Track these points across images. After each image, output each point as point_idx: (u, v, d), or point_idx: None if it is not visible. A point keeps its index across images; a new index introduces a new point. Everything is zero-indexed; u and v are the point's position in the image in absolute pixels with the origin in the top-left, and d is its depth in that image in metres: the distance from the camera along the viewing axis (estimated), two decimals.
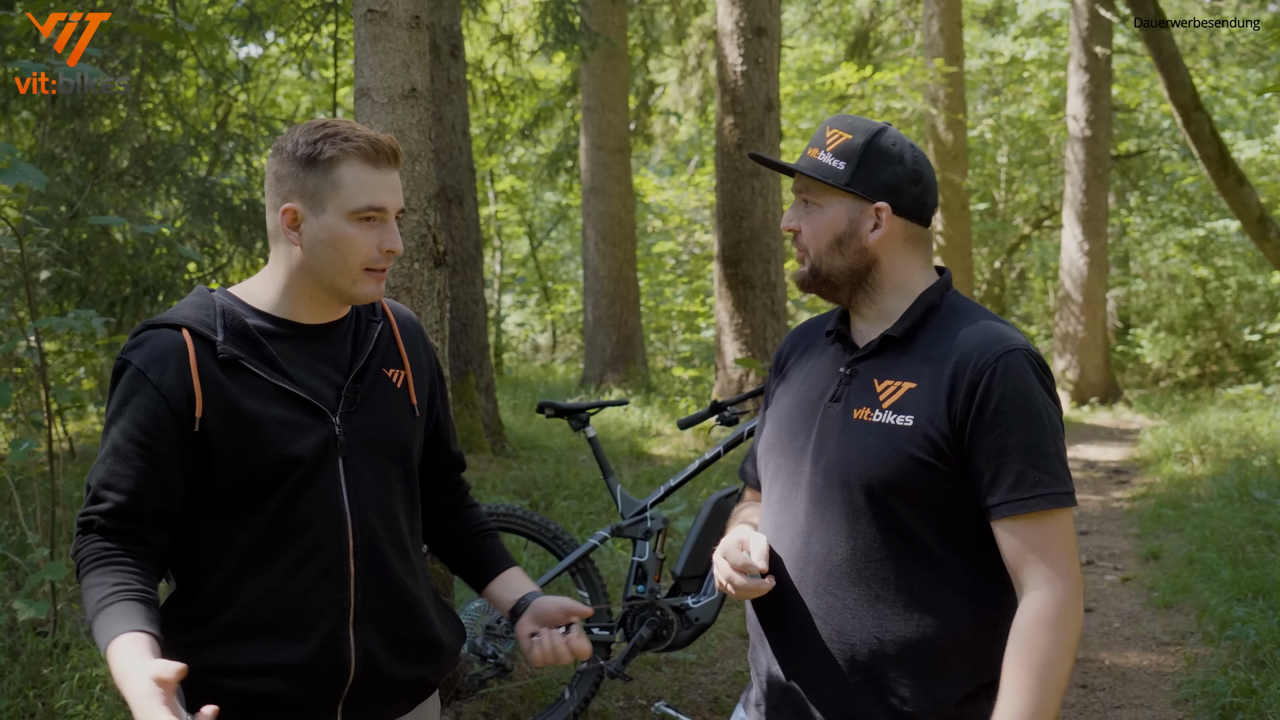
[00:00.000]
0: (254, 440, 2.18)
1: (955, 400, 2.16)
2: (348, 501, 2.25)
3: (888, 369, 2.26)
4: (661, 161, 25.97)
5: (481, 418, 9.79)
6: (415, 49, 4.76)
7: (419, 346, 2.48)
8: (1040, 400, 2.16)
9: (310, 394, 2.25)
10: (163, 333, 2.20)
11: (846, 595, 2.22)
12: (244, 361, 2.21)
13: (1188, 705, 5.21)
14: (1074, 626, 2.11)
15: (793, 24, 25.52)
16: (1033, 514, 2.12)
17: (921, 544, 2.19)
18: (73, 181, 7.48)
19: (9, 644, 4.93)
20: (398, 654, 2.32)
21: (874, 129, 2.29)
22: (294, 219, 2.22)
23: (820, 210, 2.30)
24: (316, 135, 2.20)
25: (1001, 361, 2.15)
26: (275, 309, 2.28)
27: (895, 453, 2.17)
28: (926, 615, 2.18)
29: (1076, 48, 17.79)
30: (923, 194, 2.30)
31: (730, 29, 11.31)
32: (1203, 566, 7.17)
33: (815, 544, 2.26)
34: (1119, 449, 13.39)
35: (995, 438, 2.13)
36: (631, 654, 4.74)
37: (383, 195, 2.23)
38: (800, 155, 2.34)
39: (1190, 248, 21.76)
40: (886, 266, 2.30)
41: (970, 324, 2.24)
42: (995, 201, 24.75)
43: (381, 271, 2.27)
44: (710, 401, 5.14)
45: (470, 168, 9.70)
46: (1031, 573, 2.12)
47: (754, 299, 11.32)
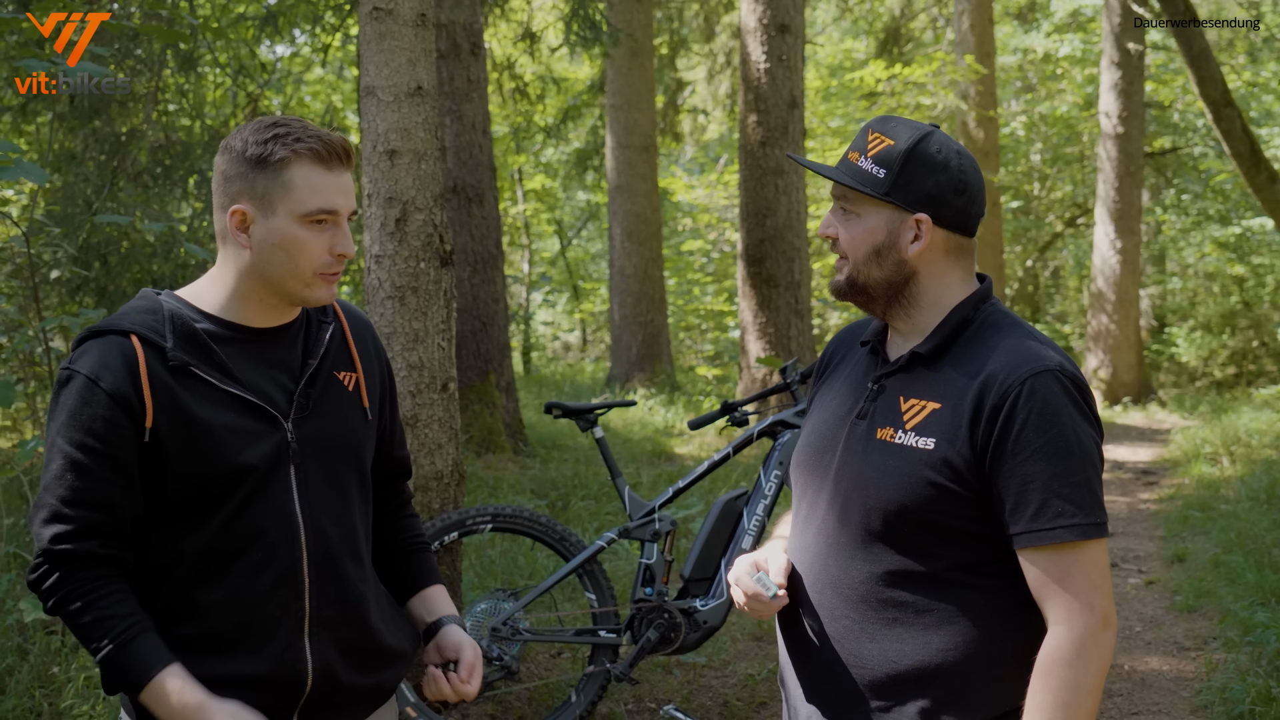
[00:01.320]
0: (206, 448, 2.13)
1: (978, 424, 2.07)
2: (300, 509, 2.21)
3: (914, 387, 2.18)
4: (691, 160, 25.89)
5: (502, 417, 9.77)
6: (421, 47, 4.74)
7: (370, 347, 2.43)
8: (1069, 425, 2.05)
9: (262, 399, 2.20)
10: (110, 339, 2.14)
11: (863, 619, 2.16)
12: (194, 368, 2.15)
13: (1206, 712, 5.12)
14: (1094, 665, 2.01)
15: (823, 20, 25.41)
16: (1055, 545, 2.03)
17: (940, 570, 2.12)
18: (91, 180, 7.50)
19: (18, 643, 4.94)
20: (354, 662, 2.28)
21: (918, 134, 2.18)
22: (243, 221, 2.16)
23: (858, 219, 2.21)
24: (267, 135, 2.14)
25: (1029, 384, 2.05)
26: (224, 312, 2.23)
27: (914, 478, 2.10)
28: (945, 641, 2.10)
29: (1108, 43, 17.61)
30: (967, 204, 2.20)
31: (754, 26, 11.24)
32: (1228, 570, 7.06)
33: (834, 566, 2.20)
34: (1149, 449, 13.23)
35: (1018, 464, 2.04)
36: (639, 657, 4.71)
37: (335, 198, 2.17)
38: (840, 159, 2.25)
39: (1226, 245, 21.49)
40: (925, 279, 2.21)
41: (1003, 341, 2.14)
42: (1029, 199, 24.54)
43: (334, 275, 2.22)
44: (722, 402, 5.09)
45: (491, 166, 9.67)
46: (1052, 606, 2.04)
47: (778, 298, 11.25)
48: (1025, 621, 2.10)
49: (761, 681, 5.42)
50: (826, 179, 2.24)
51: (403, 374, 4.68)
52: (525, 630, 4.76)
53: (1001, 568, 2.10)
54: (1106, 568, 2.07)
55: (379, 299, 4.69)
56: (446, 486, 4.85)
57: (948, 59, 18.58)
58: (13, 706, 4.53)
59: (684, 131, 21.88)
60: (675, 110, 21.16)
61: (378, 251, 4.68)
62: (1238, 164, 11.96)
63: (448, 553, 4.89)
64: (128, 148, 8.16)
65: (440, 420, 4.79)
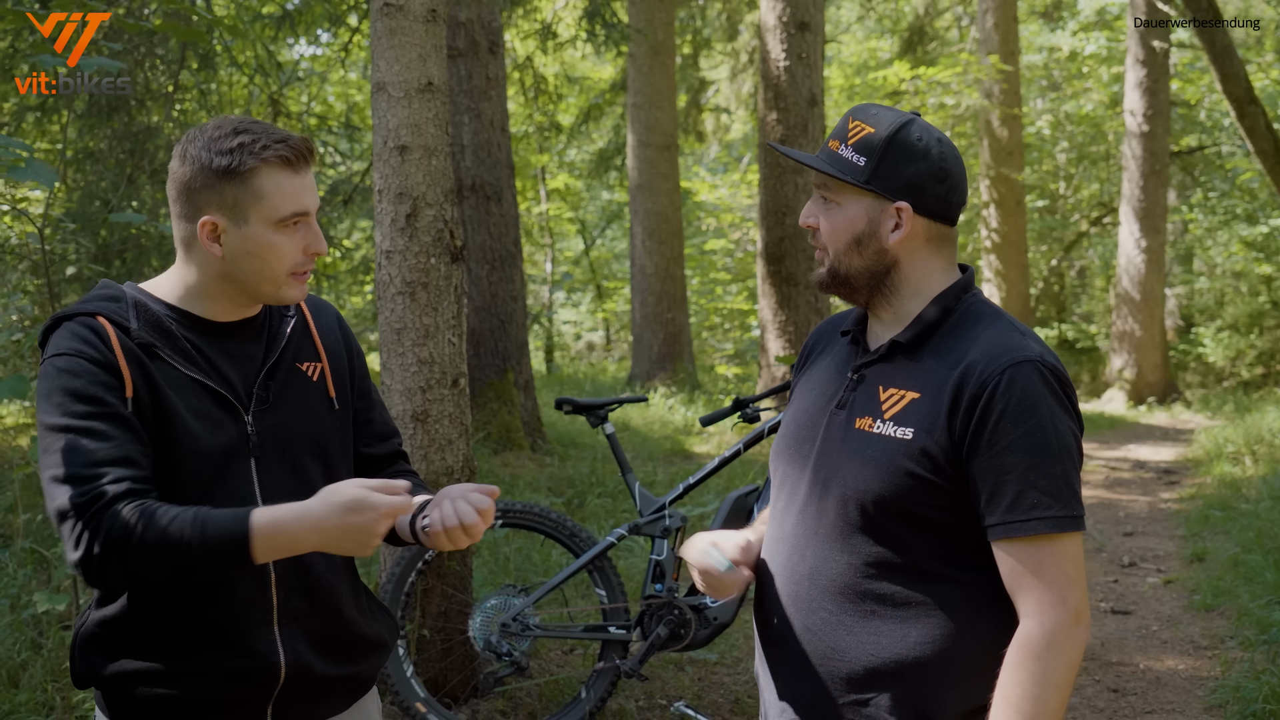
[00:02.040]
0: (173, 430, 2.11)
1: (957, 414, 2.05)
2: (261, 501, 2.18)
3: (893, 377, 2.16)
4: (715, 160, 25.87)
5: (520, 415, 9.78)
6: (432, 43, 4.74)
7: (336, 336, 2.41)
8: (1048, 417, 2.03)
9: (224, 388, 2.19)
10: (79, 319, 2.12)
11: (841, 611, 2.14)
12: (159, 350, 2.14)
13: (1220, 711, 5.08)
14: (1064, 660, 1.99)
15: (846, 19, 25.35)
16: (1029, 537, 2.01)
17: (919, 562, 2.10)
18: (109, 178, 7.55)
19: (32, 637, 4.97)
20: (327, 653, 2.26)
21: (898, 122, 2.16)
22: (214, 231, 2.14)
23: (838, 208, 2.19)
24: (231, 144, 2.12)
25: (1008, 374, 2.03)
26: (186, 305, 2.22)
27: (892, 468, 2.08)
28: (923, 635, 2.08)
29: (1134, 42, 17.51)
30: (948, 193, 2.17)
31: (773, 24, 11.22)
32: (1247, 569, 7.01)
33: (811, 557, 2.18)
34: (1172, 449, 13.15)
35: (995, 455, 2.02)
36: (648, 653, 4.70)
37: (305, 199, 2.17)
38: (821, 147, 2.23)
39: (1254, 245, 21.32)
40: (907, 268, 2.19)
41: (984, 331, 2.12)
42: (1054, 198, 24.41)
43: (305, 274, 2.22)
44: (734, 398, 5.08)
45: (509, 164, 9.68)
46: (1024, 599, 2.02)
47: (797, 296, 11.22)
48: (1003, 616, 2.07)
49: None
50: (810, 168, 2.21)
51: (413, 369, 4.69)
52: (535, 626, 4.76)
53: (980, 560, 2.08)
54: (1081, 562, 2.05)
55: (389, 294, 4.70)
56: (457, 482, 4.84)
57: (971, 58, 18.51)
58: (26, 699, 4.56)
59: (707, 131, 21.86)
60: (698, 109, 21.15)
61: (388, 247, 4.68)
62: (1261, 161, 11.90)
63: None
64: (146, 146, 8.20)
65: (451, 416, 4.79)
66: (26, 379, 4.68)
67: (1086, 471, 11.65)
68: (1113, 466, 11.90)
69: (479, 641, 4.72)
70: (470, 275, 9.38)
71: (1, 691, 4.60)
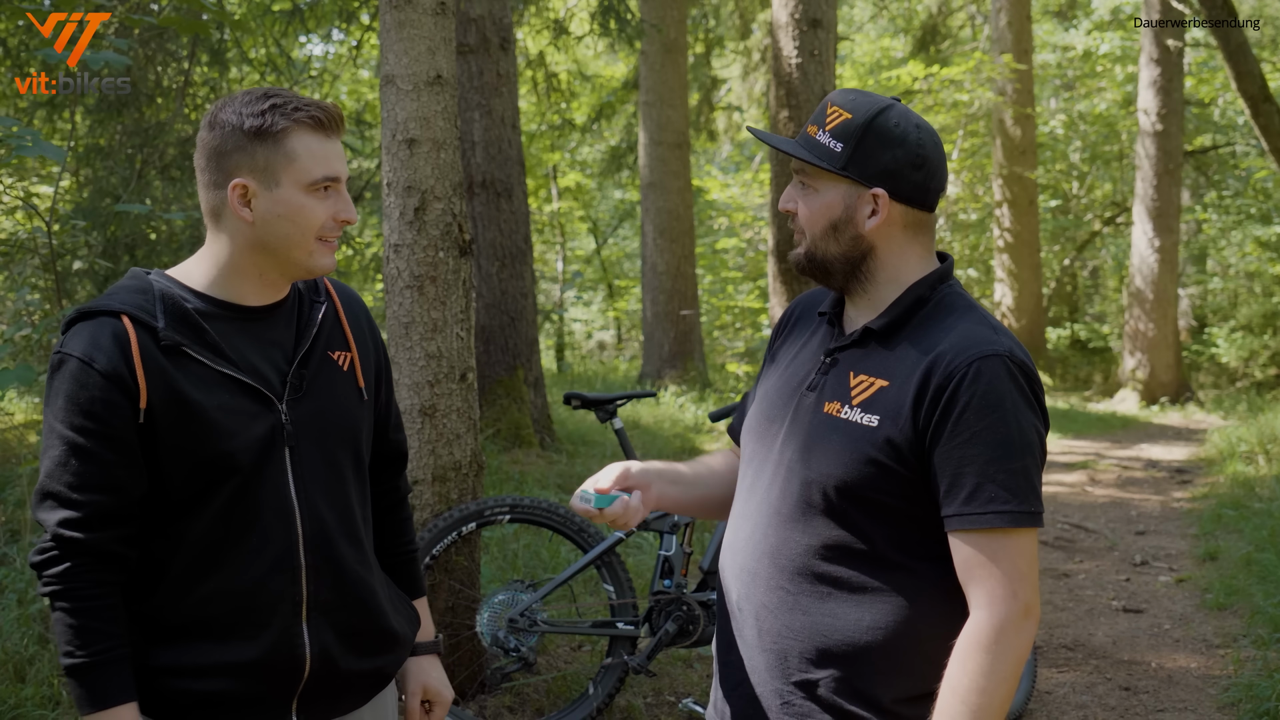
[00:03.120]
0: (199, 430, 2.10)
1: (922, 403, 2.06)
2: (295, 491, 2.19)
3: (864, 363, 2.16)
4: (727, 158, 25.85)
5: (530, 412, 9.75)
6: (441, 35, 4.73)
7: (364, 326, 2.40)
8: (1012, 412, 2.03)
9: (256, 380, 2.17)
10: (101, 320, 2.10)
11: (798, 591, 2.15)
12: (187, 348, 2.12)
13: (1233, 710, 5.05)
14: (1012, 653, 1.99)
15: (860, 18, 25.31)
16: (984, 529, 2.01)
17: (877, 547, 2.11)
18: (118, 173, 7.55)
19: (38, 632, 4.97)
20: (352, 647, 2.26)
21: (877, 107, 2.16)
22: (245, 194, 2.13)
23: (816, 194, 2.20)
24: (263, 105, 2.12)
25: (975, 366, 2.03)
26: (215, 290, 2.20)
27: (856, 454, 2.09)
28: (875, 618, 2.09)
29: (1148, 40, 17.45)
30: (926, 179, 2.17)
31: (785, 21, 11.18)
32: (1260, 568, 6.98)
33: (772, 537, 2.19)
34: (1184, 449, 13.10)
35: (956, 446, 2.02)
36: (656, 649, 4.68)
37: (335, 164, 2.17)
38: (800, 132, 2.23)
39: (1268, 245, 21.23)
40: (883, 255, 2.19)
41: (955, 323, 2.12)
42: (1067, 198, 24.35)
43: (334, 242, 2.21)
44: (744, 394, 5.05)
45: (520, 161, 9.66)
46: (976, 591, 2.03)
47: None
48: (956, 607, 2.08)
49: None
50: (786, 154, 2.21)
51: (421, 363, 4.68)
52: (543, 622, 4.75)
53: (937, 550, 2.09)
54: (1034, 558, 2.05)
55: (398, 288, 4.68)
56: (465, 477, 4.84)
57: (985, 58, 18.46)
58: (32, 694, 4.56)
59: (719, 129, 21.83)
60: (710, 108, 21.12)
61: (396, 241, 4.67)
62: (1276, 160, 11.85)
63: (465, 543, 4.88)
64: (155, 142, 8.21)
65: (459, 410, 4.78)
66: (34, 369, 4.68)
67: (1099, 470, 11.61)
68: (1125, 466, 11.86)
69: (486, 637, 4.70)
70: (480, 272, 9.36)
71: (8, 685, 4.59)
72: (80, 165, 8.40)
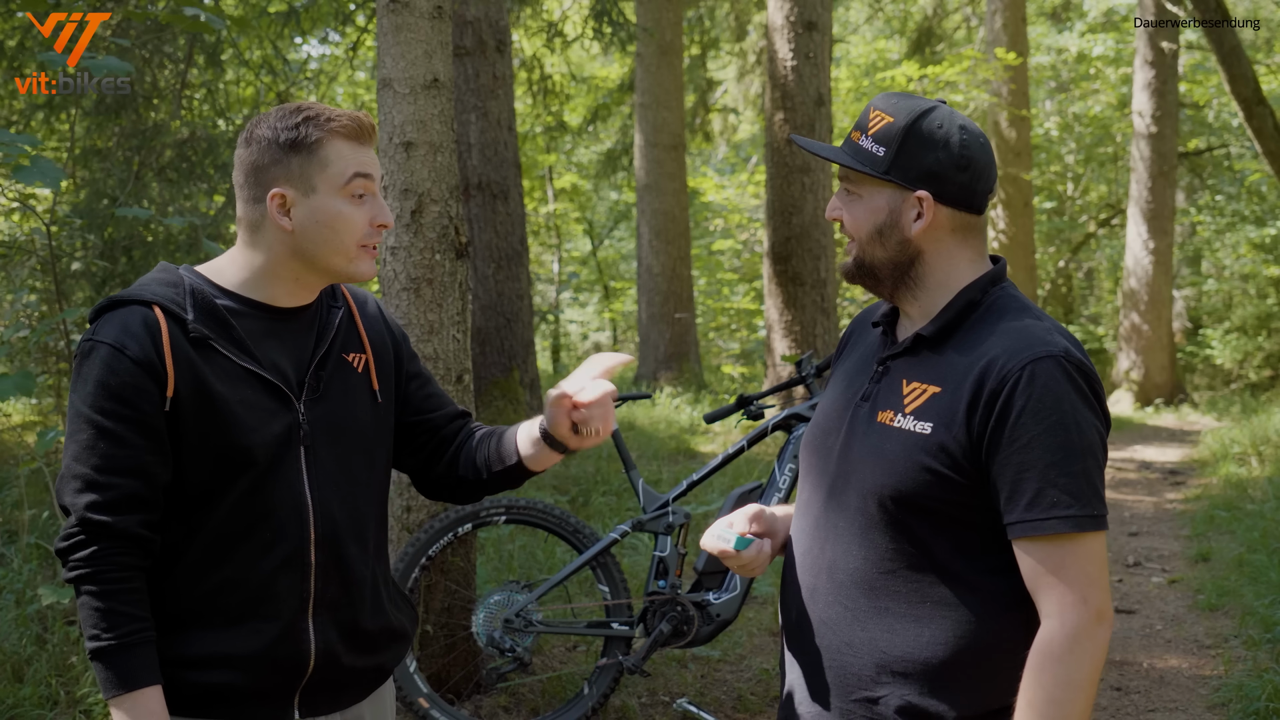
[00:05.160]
0: (222, 423, 2.14)
1: (976, 409, 2.02)
2: (309, 490, 2.23)
3: (917, 370, 2.14)
4: (723, 160, 25.87)
5: (526, 414, 9.78)
6: (438, 39, 4.75)
7: (380, 326, 2.45)
8: (1070, 413, 1.99)
9: (277, 378, 2.21)
10: (132, 308, 2.14)
11: (856, 606, 2.13)
12: (213, 342, 2.16)
13: (1223, 710, 5.08)
14: (1088, 661, 1.95)
15: (855, 20, 25.34)
16: (1049, 536, 1.97)
17: (937, 559, 2.08)
18: (115, 174, 7.57)
19: (37, 632, 4.99)
20: (355, 644, 2.29)
21: (918, 110, 2.14)
22: (283, 203, 2.18)
23: (860, 200, 2.18)
24: (296, 119, 2.18)
25: (1030, 369, 1.99)
26: (247, 290, 2.24)
27: (910, 463, 2.06)
28: (936, 634, 2.06)
29: (1142, 43, 17.49)
30: (971, 180, 2.14)
31: (781, 24, 11.21)
32: (1252, 569, 7.01)
33: (830, 550, 2.17)
34: (1178, 450, 13.14)
35: (1015, 451, 1.98)
36: (651, 649, 4.70)
37: (369, 165, 2.22)
38: (844, 139, 2.23)
39: (1262, 247, 21.27)
40: (932, 259, 2.16)
41: (1007, 325, 2.09)
42: (1062, 199, 24.39)
43: (374, 249, 2.25)
44: (738, 396, 5.09)
45: (516, 163, 9.69)
46: (1045, 599, 1.99)
47: (803, 296, 11.22)
48: (1022, 617, 2.04)
49: (776, 675, 5.41)
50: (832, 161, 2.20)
51: None
52: (538, 622, 4.77)
53: (999, 559, 2.05)
54: (1103, 561, 2.01)
55: (394, 290, 4.71)
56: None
57: (979, 57, 18.49)
58: (30, 694, 4.57)
59: (715, 131, 21.87)
60: (706, 110, 21.15)
61: (393, 243, 4.70)
62: (1269, 162, 11.89)
63: (462, 544, 4.91)
64: (153, 144, 8.22)
65: None
66: (33, 376, 4.70)
67: None
68: (1119, 467, 11.89)
69: (482, 637, 4.73)
70: (476, 274, 9.39)
71: (6, 686, 4.61)
72: (77, 167, 8.41)
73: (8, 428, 8.50)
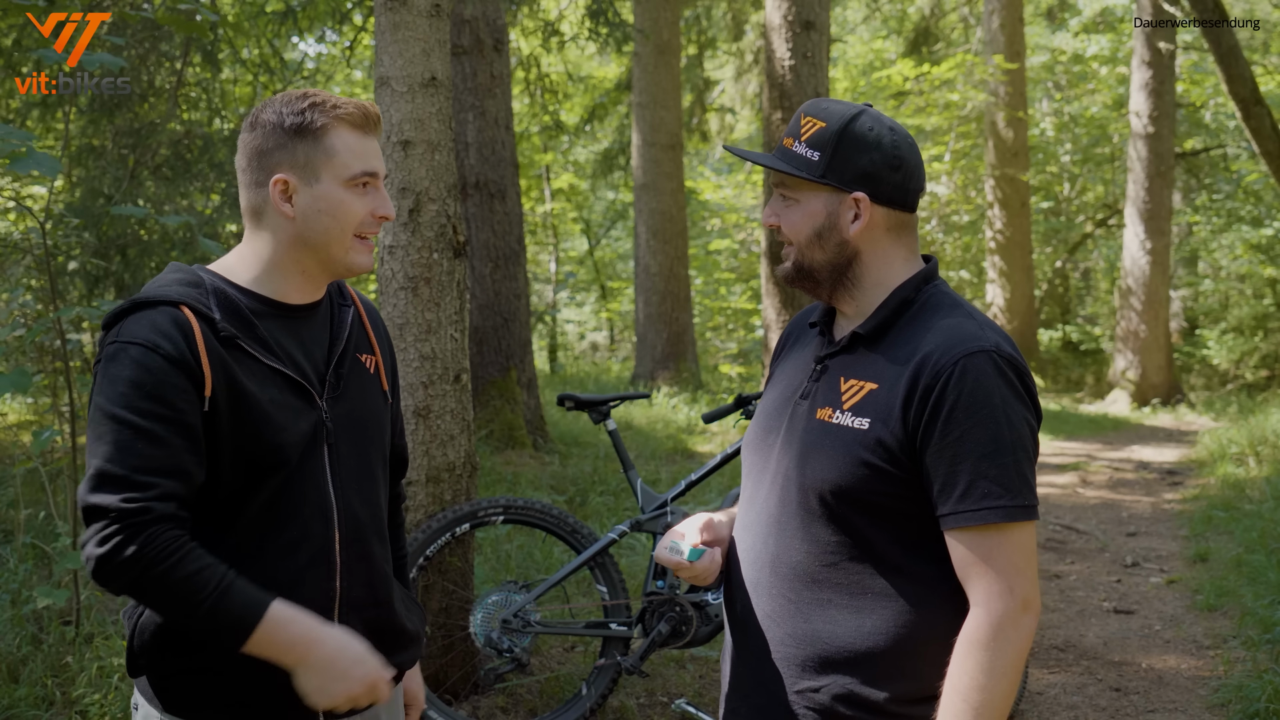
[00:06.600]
0: (254, 423, 2.12)
1: (911, 404, 2.07)
2: (334, 488, 2.22)
3: (854, 368, 2.19)
4: (720, 160, 25.86)
5: (523, 413, 9.77)
6: (435, 37, 4.74)
7: (383, 333, 2.46)
8: (1001, 407, 2.04)
9: (301, 377, 2.21)
10: (161, 309, 2.09)
11: (799, 599, 2.17)
12: (241, 341, 2.14)
13: (1222, 710, 5.08)
14: (1012, 649, 2.00)
15: (853, 20, 25.34)
16: (979, 526, 2.02)
17: (876, 550, 2.12)
18: (111, 173, 7.55)
19: (32, 632, 4.97)
20: (378, 644, 2.26)
21: (849, 114, 2.20)
22: (285, 190, 2.17)
23: (797, 204, 2.23)
24: (303, 105, 2.17)
25: (961, 364, 2.05)
26: (260, 287, 2.22)
27: (849, 457, 2.11)
28: (876, 624, 2.11)
29: (1139, 43, 17.50)
30: (904, 180, 2.20)
31: (778, 23, 11.20)
32: (1250, 569, 7.01)
33: (772, 545, 2.21)
34: (1175, 450, 13.14)
35: (947, 444, 2.04)
36: (649, 650, 4.69)
37: (374, 160, 2.21)
38: (776, 146, 2.26)
39: (1259, 247, 21.29)
40: (868, 259, 2.22)
41: (940, 321, 2.14)
42: (1059, 200, 24.39)
43: (370, 240, 2.25)
44: (736, 395, 5.08)
45: (513, 162, 9.67)
46: (973, 588, 2.05)
47: (801, 296, 11.18)
48: (956, 606, 2.09)
49: None
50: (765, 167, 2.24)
51: (415, 365, 4.69)
52: (536, 622, 4.76)
53: (937, 551, 2.10)
54: (1032, 552, 2.06)
55: (392, 290, 4.69)
56: (459, 478, 4.85)
57: (977, 59, 18.49)
58: (26, 694, 4.56)
59: (712, 131, 21.84)
60: (703, 109, 21.14)
61: (390, 242, 4.68)
62: (1267, 163, 11.89)
63: (459, 544, 4.89)
64: (149, 142, 8.20)
65: (453, 411, 4.78)
66: (29, 373, 4.68)
67: (1090, 472, 11.64)
68: (1116, 467, 11.89)
69: (480, 638, 4.72)
70: (474, 273, 9.37)
71: (1, 686, 4.59)
72: (73, 165, 8.39)
73: (3, 427, 8.49)
